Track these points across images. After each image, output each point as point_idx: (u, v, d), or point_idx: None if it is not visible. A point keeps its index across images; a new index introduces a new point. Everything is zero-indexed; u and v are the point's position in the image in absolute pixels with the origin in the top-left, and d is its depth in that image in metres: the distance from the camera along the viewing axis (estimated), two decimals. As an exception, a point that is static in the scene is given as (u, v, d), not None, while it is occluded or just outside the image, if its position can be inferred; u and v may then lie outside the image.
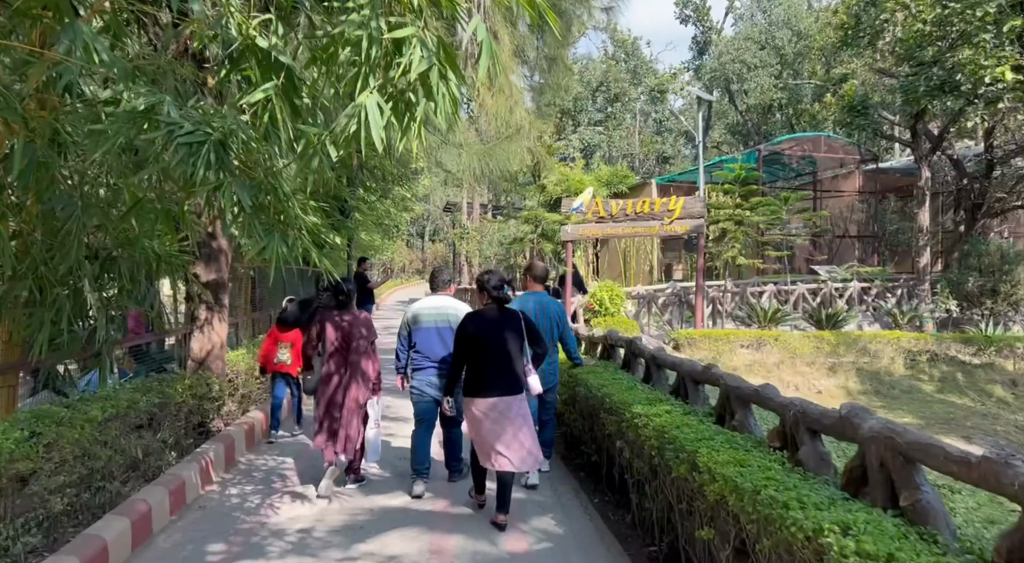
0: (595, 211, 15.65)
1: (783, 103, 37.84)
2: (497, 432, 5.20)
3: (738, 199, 20.06)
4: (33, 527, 4.38)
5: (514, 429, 5.21)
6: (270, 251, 3.63)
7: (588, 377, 6.27)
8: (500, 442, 5.20)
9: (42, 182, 4.26)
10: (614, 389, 5.53)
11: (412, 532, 5.27)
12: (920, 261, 19.41)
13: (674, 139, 56.54)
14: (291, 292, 14.37)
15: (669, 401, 4.90)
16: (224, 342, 8.14)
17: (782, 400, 3.54)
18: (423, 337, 6.12)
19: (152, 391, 6.17)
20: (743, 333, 14.61)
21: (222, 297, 8.07)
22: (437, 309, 6.14)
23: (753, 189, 20.21)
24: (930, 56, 16.08)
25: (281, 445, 8.01)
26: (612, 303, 14.49)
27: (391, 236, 37.34)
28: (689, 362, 5.01)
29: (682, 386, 5.10)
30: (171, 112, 3.50)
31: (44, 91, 4.63)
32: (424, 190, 46.54)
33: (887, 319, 19.01)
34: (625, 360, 6.87)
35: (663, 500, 4.47)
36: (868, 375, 13.95)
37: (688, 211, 14.93)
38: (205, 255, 7.89)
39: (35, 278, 4.79)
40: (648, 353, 5.92)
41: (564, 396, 7.61)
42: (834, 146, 24.84)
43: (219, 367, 8.04)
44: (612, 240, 26.84)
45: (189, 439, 6.96)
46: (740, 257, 19.84)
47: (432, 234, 74.57)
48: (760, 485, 2.97)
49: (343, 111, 3.53)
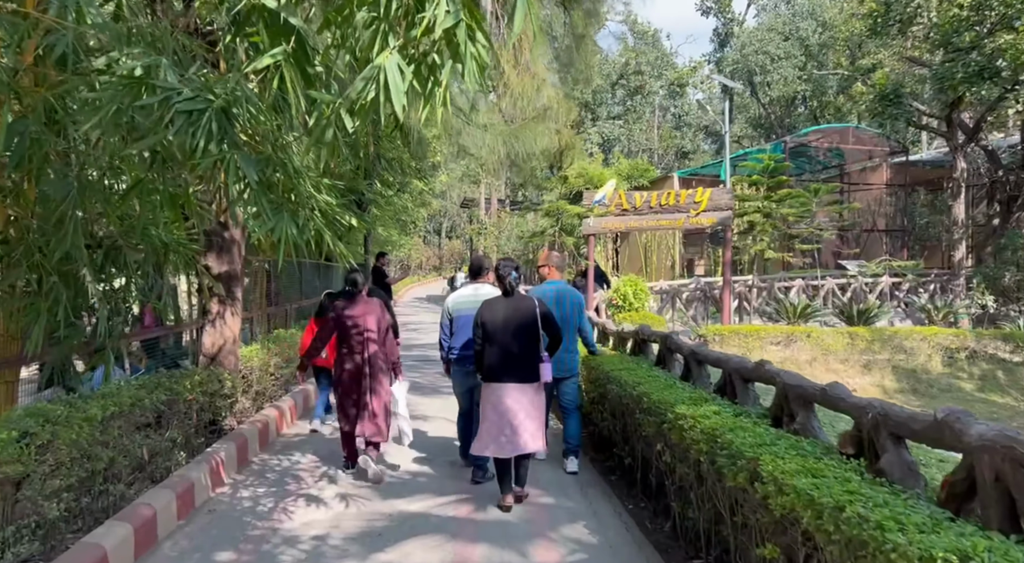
0: (618, 203, 15.19)
1: (807, 95, 37.06)
2: (502, 419, 5.30)
3: (766, 191, 19.45)
4: (27, 535, 4.05)
5: (520, 418, 5.29)
6: (278, 232, 3.25)
7: (621, 374, 5.86)
8: (505, 429, 5.29)
9: (35, 160, 3.92)
10: (651, 387, 5.11)
11: (434, 540, 4.90)
12: (955, 255, 18.75)
13: (693, 134, 55.79)
14: (308, 287, 14.10)
15: (715, 401, 4.48)
16: (237, 337, 7.82)
17: (856, 401, 3.12)
18: (463, 325, 6.16)
19: (160, 388, 5.83)
20: (773, 329, 14.11)
21: (235, 290, 7.75)
22: (479, 297, 6.07)
23: (782, 180, 19.59)
24: (968, 41, 15.46)
25: (297, 443, 7.68)
26: (636, 298, 14.05)
27: (408, 232, 37.09)
28: (737, 358, 4.59)
29: (728, 384, 4.68)
30: (168, 76, 3.13)
31: (40, 65, 4.30)
32: (441, 186, 46.28)
33: (920, 315, 18.41)
34: (659, 356, 6.44)
35: (711, 510, 4.06)
36: (904, 373, 13.42)
37: (715, 203, 14.43)
38: (216, 246, 7.56)
39: (31, 266, 4.46)
40: (687, 348, 5.50)
41: (592, 394, 7.22)
42: (862, 138, 24.16)
43: (232, 363, 7.71)
44: (633, 234, 26.37)
45: (200, 438, 6.63)
46: (769, 251, 19.24)
47: (449, 230, 74.29)
48: (843, 500, 2.56)
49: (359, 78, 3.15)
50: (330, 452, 7.26)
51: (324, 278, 15.98)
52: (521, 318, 5.40)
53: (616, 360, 6.66)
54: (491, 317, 5.42)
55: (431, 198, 32.70)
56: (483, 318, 5.45)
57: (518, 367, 5.35)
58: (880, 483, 2.82)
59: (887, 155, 24.59)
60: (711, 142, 56.85)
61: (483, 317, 5.46)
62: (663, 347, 6.23)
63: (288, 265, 12.61)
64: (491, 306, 5.51)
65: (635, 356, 7.10)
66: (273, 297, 11.33)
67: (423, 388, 10.93)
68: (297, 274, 13.07)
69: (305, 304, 13.64)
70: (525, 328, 5.38)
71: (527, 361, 5.38)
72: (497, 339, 5.36)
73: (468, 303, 6.18)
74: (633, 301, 13.93)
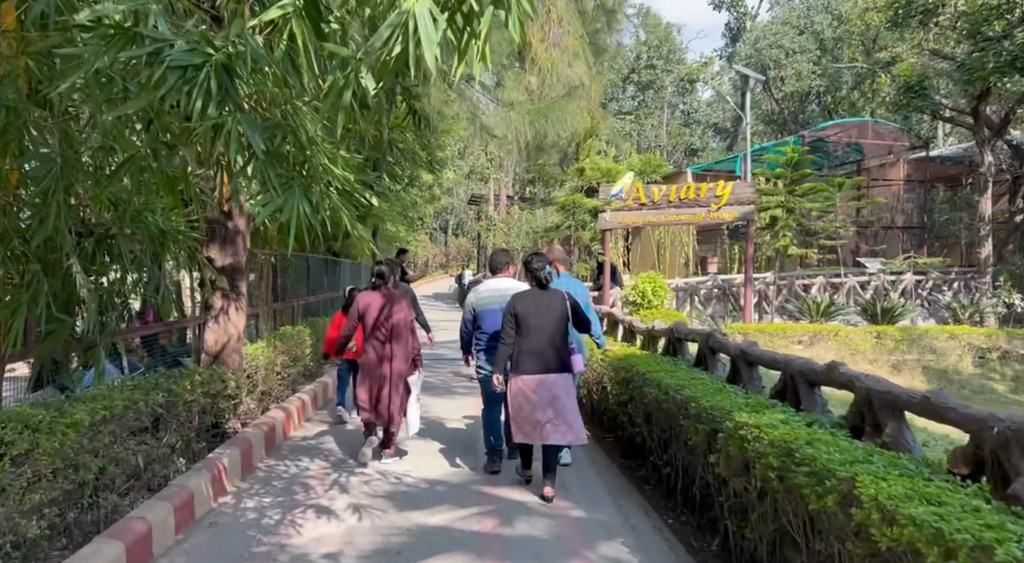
0: (635, 198, 14.69)
1: (821, 91, 36.41)
2: (543, 408, 5.39)
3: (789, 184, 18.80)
4: (1, 557, 3.58)
5: (560, 405, 5.42)
6: (288, 211, 2.78)
7: (660, 376, 5.36)
8: (546, 418, 5.38)
9: (11, 132, 3.45)
10: (698, 391, 4.62)
11: (458, 558, 4.43)
12: (980, 252, 18.15)
13: (702, 131, 55.17)
14: (315, 283, 13.61)
15: (777, 407, 3.98)
16: (241, 334, 7.34)
17: (974, 413, 2.63)
18: (489, 318, 6.20)
19: (157, 389, 5.36)
20: (799, 328, 13.58)
21: (239, 284, 7.27)
22: (501, 291, 6.16)
23: (806, 173, 18.96)
24: (999, 30, 14.89)
25: (305, 448, 7.21)
26: (655, 295, 13.54)
27: (415, 228, 36.59)
28: (801, 360, 4.09)
29: (790, 389, 4.19)
30: (160, 25, 2.66)
31: (23, 29, 3.83)
32: (448, 183, 45.76)
33: (943, 313, 17.87)
34: (699, 357, 5.94)
35: (776, 531, 3.57)
36: (935, 374, 12.88)
37: (737, 197, 13.92)
38: (220, 237, 7.09)
39: (11, 254, 3.99)
40: (735, 348, 5.00)
41: (621, 397, 6.73)
42: (881, 132, 23.55)
43: (236, 361, 7.24)
44: (646, 231, 25.83)
45: (201, 443, 6.16)
46: (793, 247, 18.61)
47: (456, 228, 73.81)
48: (986, 537, 2.07)
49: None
50: (340, 458, 6.79)
51: (332, 274, 15.51)
52: (554, 310, 5.56)
53: (650, 360, 6.17)
54: (524, 310, 5.54)
55: (439, 193, 32.22)
56: (516, 310, 5.56)
57: (553, 358, 5.49)
58: (1017, 513, 2.32)
59: (907, 150, 23.98)
60: (720, 140, 56.26)
61: (516, 309, 5.57)
62: (703, 347, 5.73)
63: (296, 260, 12.14)
64: (524, 299, 5.62)
65: (670, 356, 6.60)
66: (280, 293, 10.86)
67: (436, 388, 10.47)
68: (305, 269, 12.60)
69: (312, 301, 13.17)
70: (558, 320, 5.54)
71: (560, 352, 5.54)
72: (532, 331, 5.50)
73: (495, 298, 6.21)
74: (652, 298, 13.42)
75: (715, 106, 57.42)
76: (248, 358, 7.72)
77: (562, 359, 5.56)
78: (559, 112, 7.76)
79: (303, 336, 9.56)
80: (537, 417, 5.42)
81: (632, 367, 6.17)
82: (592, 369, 8.20)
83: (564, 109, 7.82)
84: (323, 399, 9.65)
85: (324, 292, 14.40)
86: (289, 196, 2.83)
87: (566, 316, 5.60)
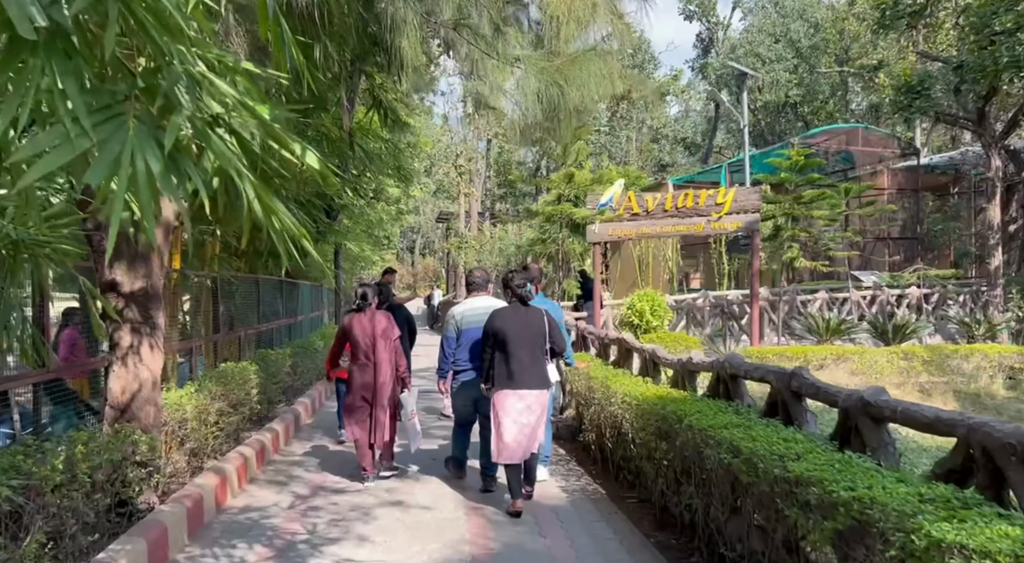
0: (627, 207, 13.29)
1: (797, 101, 35.61)
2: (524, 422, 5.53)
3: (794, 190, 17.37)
4: None
5: (536, 419, 5.60)
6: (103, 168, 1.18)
7: (732, 435, 3.82)
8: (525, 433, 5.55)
9: None
10: (818, 468, 3.08)
11: None
12: (991, 263, 17.01)
13: (671, 147, 54.39)
14: (268, 309, 11.87)
15: (986, 508, 2.45)
16: (158, 380, 5.66)
17: None
18: (471, 338, 6.19)
19: (8, 472, 3.69)
20: (819, 350, 12.20)
21: (154, 314, 5.60)
22: (483, 310, 6.11)
23: (814, 179, 17.66)
24: (1011, 22, 13.84)
25: (244, 524, 5.52)
26: (654, 315, 12.07)
27: (382, 247, 34.80)
28: (998, 424, 2.58)
29: (982, 470, 2.67)
30: None
31: None
32: (415, 201, 44.09)
33: (950, 329, 16.72)
34: (773, 403, 4.40)
35: None
36: (967, 398, 11.59)
37: (741, 205, 12.57)
38: (128, 254, 5.43)
39: None
40: (850, 397, 3.48)
41: (653, 449, 5.20)
42: (871, 139, 22.56)
43: (151, 415, 5.55)
44: (626, 245, 24.49)
45: (90, 535, 4.46)
46: (802, 259, 17.21)
47: (423, 248, 72.07)
48: None
49: None
50: (288, 542, 5.13)
51: (289, 299, 13.78)
52: (533, 327, 5.70)
53: (700, 407, 4.63)
54: (504, 327, 5.65)
55: (406, 209, 30.60)
56: (495, 328, 5.67)
57: (531, 374, 5.62)
58: None
59: (897, 157, 23.02)
60: (689, 155, 55.58)
61: (495, 327, 5.68)
62: (783, 389, 4.19)
63: (244, 284, 10.44)
64: (503, 316, 5.74)
65: (722, 399, 5.05)
66: (222, 322, 9.14)
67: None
68: (255, 293, 10.87)
69: (265, 329, 11.44)
70: (537, 337, 5.69)
71: (539, 368, 5.69)
72: (511, 348, 5.59)
73: (477, 317, 6.15)
74: (651, 319, 11.94)
75: (682, 121, 56.77)
76: (172, 408, 6.03)
77: (542, 375, 5.71)
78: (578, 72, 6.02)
79: (247, 375, 7.87)
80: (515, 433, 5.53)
81: (677, 417, 4.62)
82: (597, 403, 6.69)
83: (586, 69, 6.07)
84: (275, 448, 7.96)
85: (280, 319, 12.66)
86: (109, 137, 1.25)
87: (544, 333, 5.72)
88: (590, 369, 7.25)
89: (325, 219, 14.16)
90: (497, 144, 40.52)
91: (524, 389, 5.55)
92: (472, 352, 6.19)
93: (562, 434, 8.58)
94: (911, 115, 17.52)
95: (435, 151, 42.04)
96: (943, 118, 18.14)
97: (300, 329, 14.67)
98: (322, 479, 6.91)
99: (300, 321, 14.80)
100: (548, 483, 6.63)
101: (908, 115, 17.54)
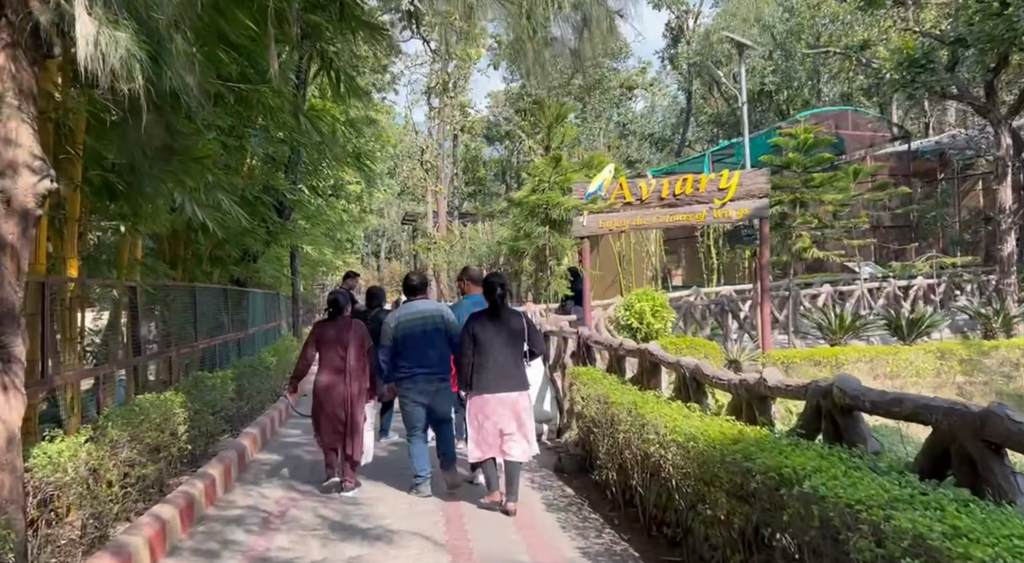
0: (619, 195, 11.84)
1: (773, 90, 34.61)
2: (507, 424, 5.62)
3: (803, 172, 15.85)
4: None
5: (521, 422, 5.69)
6: None
7: (917, 522, 2.32)
8: (508, 433, 5.61)
9: None
10: None
11: None
12: (1003, 249, 15.81)
13: (638, 143, 53.34)
14: (210, 323, 10.13)
15: None
16: (15, 434, 3.96)
17: None
18: (411, 344, 6.16)
19: None
20: (851, 351, 10.85)
21: (10, 342, 3.93)
22: (421, 313, 6.21)
23: (825, 158, 16.24)
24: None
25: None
26: (656, 316, 10.60)
27: (344, 250, 32.87)
28: None
29: None
30: None
31: None
32: (379, 203, 42.22)
33: (960, 321, 15.56)
34: (934, 457, 2.92)
35: None
36: (1011, 399, 10.35)
37: (747, 189, 11.17)
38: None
39: None
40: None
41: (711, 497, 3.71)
42: (860, 123, 21.44)
43: (5, 486, 3.88)
44: (604, 240, 23.05)
45: None
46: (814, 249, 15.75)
47: (388, 252, 70.22)
48: None
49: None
50: None
51: (236, 309, 12.00)
52: (512, 330, 5.77)
53: (823, 463, 3.11)
54: (483, 330, 5.72)
55: (369, 209, 28.82)
56: (474, 331, 5.72)
57: (511, 376, 5.70)
58: None
59: (888, 141, 21.93)
60: (656, 151, 54.64)
61: (474, 331, 5.73)
62: (964, 438, 2.69)
63: (176, 292, 8.72)
64: (481, 320, 5.79)
65: (824, 441, 3.55)
66: (144, 342, 7.43)
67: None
68: (191, 304, 9.12)
69: (206, 346, 9.71)
70: (515, 339, 5.76)
71: (518, 370, 5.76)
72: (490, 351, 5.66)
73: (415, 321, 6.19)
74: (652, 320, 10.47)
75: (648, 118, 55.76)
76: (46, 468, 4.35)
77: (522, 376, 5.77)
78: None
79: (171, 408, 6.18)
80: (499, 431, 5.60)
81: (779, 476, 3.10)
82: (622, 434, 5.20)
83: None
84: (210, 499, 6.28)
85: (224, 333, 10.90)
86: None
87: (523, 335, 5.77)
88: (608, 390, 5.74)
89: (276, 218, 12.46)
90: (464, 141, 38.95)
91: (503, 392, 5.63)
92: (415, 357, 6.14)
93: (565, 466, 7.07)
94: (915, 91, 16.35)
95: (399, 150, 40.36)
96: (950, 94, 16.99)
97: (252, 344, 12.92)
98: (267, 543, 5.28)
99: (252, 334, 13.05)
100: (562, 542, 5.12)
101: (911, 91, 16.36)
